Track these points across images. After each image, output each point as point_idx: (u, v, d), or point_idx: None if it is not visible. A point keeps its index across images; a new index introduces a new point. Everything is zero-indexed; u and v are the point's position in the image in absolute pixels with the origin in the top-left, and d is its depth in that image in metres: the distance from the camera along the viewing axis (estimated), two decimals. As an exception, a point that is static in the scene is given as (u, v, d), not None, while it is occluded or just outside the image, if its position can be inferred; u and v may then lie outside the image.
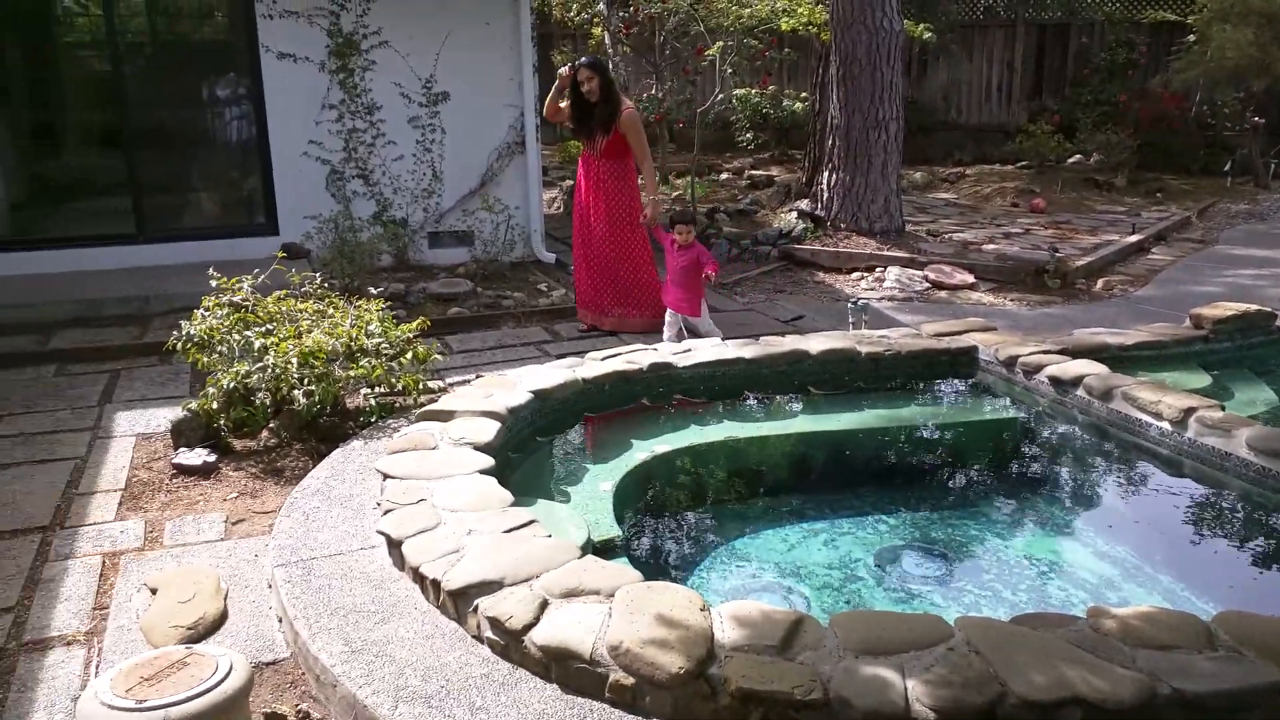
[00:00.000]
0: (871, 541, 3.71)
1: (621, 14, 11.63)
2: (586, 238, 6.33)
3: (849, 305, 6.19)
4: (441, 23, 7.57)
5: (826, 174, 9.51)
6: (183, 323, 4.52)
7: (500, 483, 3.38)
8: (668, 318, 6.08)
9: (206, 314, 4.53)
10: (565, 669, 2.39)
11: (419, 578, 2.85)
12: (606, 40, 12.39)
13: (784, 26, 9.89)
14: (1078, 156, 13.18)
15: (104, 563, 3.40)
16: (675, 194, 11.34)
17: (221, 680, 2.21)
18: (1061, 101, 14.17)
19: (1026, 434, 4.67)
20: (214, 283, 4.61)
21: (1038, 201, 11.35)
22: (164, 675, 2.22)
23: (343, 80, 7.42)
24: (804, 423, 4.66)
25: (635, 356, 4.86)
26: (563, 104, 6.26)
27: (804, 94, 13.62)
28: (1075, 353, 4.78)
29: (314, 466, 4.15)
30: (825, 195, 9.46)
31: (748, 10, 10.08)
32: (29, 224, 7.37)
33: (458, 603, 2.67)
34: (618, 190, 6.22)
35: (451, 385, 4.88)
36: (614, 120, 6.02)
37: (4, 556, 3.44)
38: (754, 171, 13.06)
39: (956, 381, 5.10)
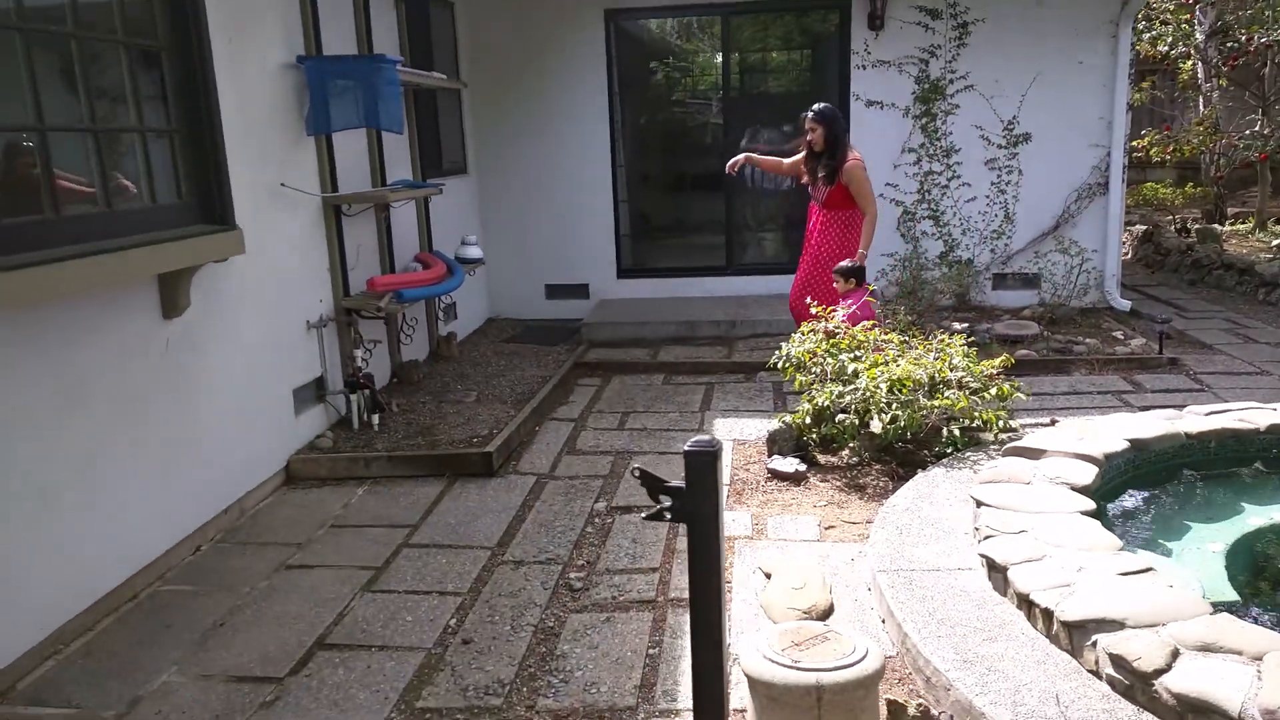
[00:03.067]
0: None
1: (1229, 45, 10.41)
2: (802, 290, 6.19)
3: None
4: (1031, 64, 7.49)
5: None
6: (783, 345, 5.04)
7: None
8: None
9: (803, 338, 5.00)
10: (1205, 725, 2.24)
11: (1026, 604, 2.87)
12: (1200, 73, 11.19)
13: None
14: None
15: (723, 544, 3.93)
16: (1276, 243, 9.81)
17: (861, 659, 2.45)
18: None
19: None
20: (813, 310, 5.08)
21: None
22: (809, 644, 2.53)
23: (924, 124, 7.69)
24: None
25: (1249, 415, 4.37)
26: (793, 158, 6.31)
27: None
28: None
29: (893, 486, 4.37)
30: None
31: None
32: (643, 256, 8.75)
33: (1072, 635, 2.65)
34: (835, 240, 6.07)
35: (1024, 426, 4.80)
36: (837, 170, 5.88)
37: (647, 526, 4.15)
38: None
39: None
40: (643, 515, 1.99)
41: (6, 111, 3.15)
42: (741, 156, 6.41)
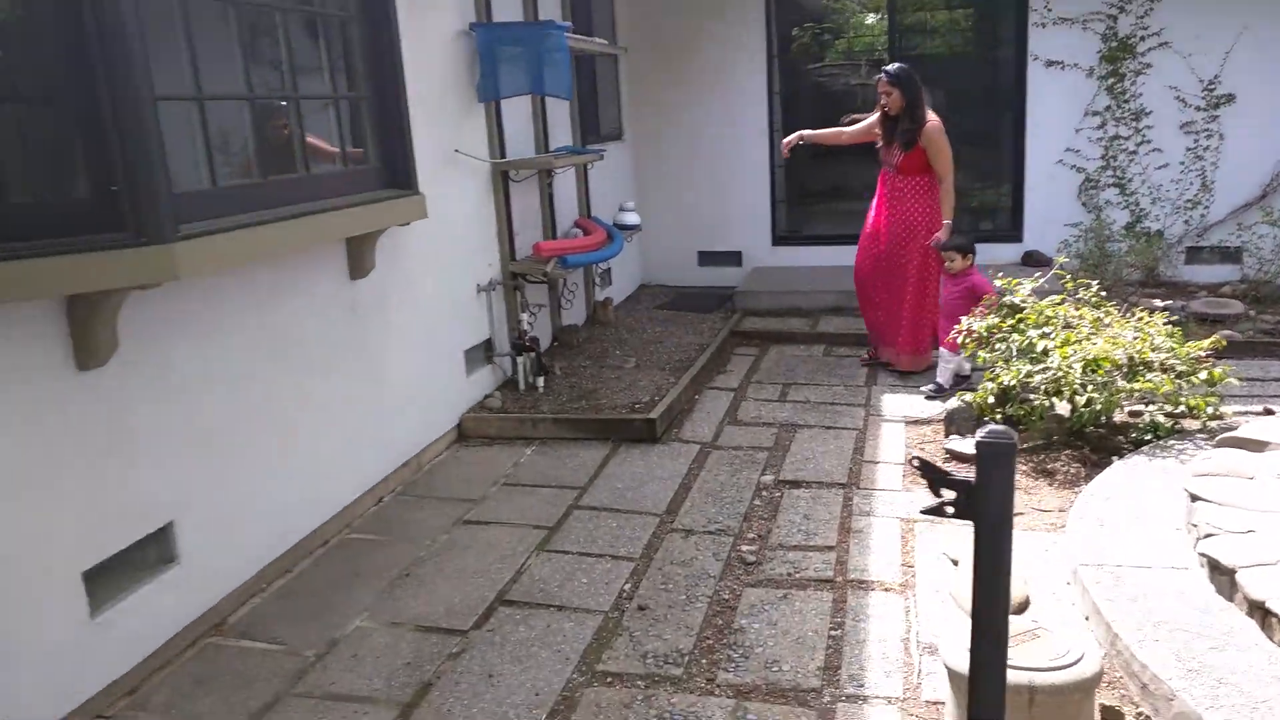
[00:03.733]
0: None
1: None
2: (876, 264, 5.78)
3: None
4: (1236, 18, 6.83)
5: None
6: (963, 319, 4.80)
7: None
8: (943, 355, 5.37)
9: (986, 311, 4.74)
10: None
11: (1260, 612, 2.62)
12: None
13: None
14: None
15: (901, 526, 3.78)
16: None
17: (1078, 660, 2.29)
18: None
19: None
20: (997, 283, 4.80)
21: None
22: (1018, 640, 2.38)
23: (1110, 85, 7.15)
24: None
25: None
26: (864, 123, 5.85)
27: None
28: None
29: (1085, 473, 4.11)
30: None
31: None
32: (799, 223, 8.52)
33: (1319, 651, 2.40)
34: (917, 207, 5.58)
35: (1233, 413, 4.42)
36: (916, 134, 5.41)
37: (818, 502, 4.04)
38: None
39: None
40: (920, 509, 1.85)
41: (223, 79, 3.27)
42: (794, 136, 6.01)
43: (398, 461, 4.38)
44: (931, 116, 5.48)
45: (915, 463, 1.72)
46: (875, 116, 5.73)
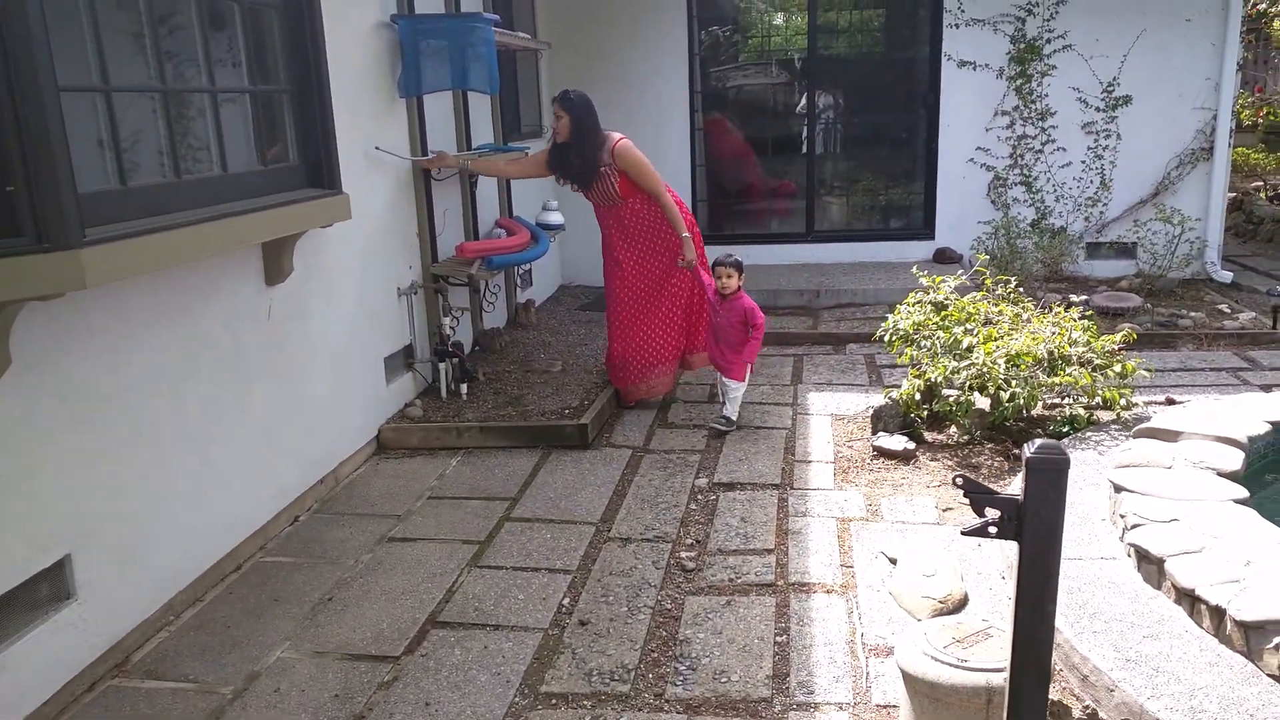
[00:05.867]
0: None
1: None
2: (630, 295, 5.12)
3: None
4: (1134, 22, 7.12)
5: None
6: (889, 317, 4.85)
7: (1260, 517, 3.06)
8: (731, 386, 4.92)
9: (910, 310, 4.81)
10: None
11: (1188, 599, 2.69)
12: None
13: None
14: None
15: (838, 525, 3.79)
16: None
17: (1028, 658, 2.30)
18: None
19: None
20: (922, 280, 4.87)
21: None
22: (971, 641, 2.39)
23: (1019, 86, 7.37)
24: None
25: (1395, 397, 4.10)
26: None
27: None
28: None
29: (1009, 467, 4.19)
30: None
31: None
32: (721, 222, 8.53)
33: (1249, 636, 2.47)
34: (657, 232, 5.05)
35: (1141, 404, 4.58)
36: (596, 162, 4.89)
37: (754, 505, 4.02)
38: None
39: None
40: (961, 530, 1.76)
41: (131, 70, 3.06)
42: (434, 156, 5.14)
43: (315, 476, 4.19)
44: (614, 135, 4.96)
45: (959, 481, 1.67)
46: (545, 148, 5.19)
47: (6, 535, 2.64)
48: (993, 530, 1.57)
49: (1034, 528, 1.50)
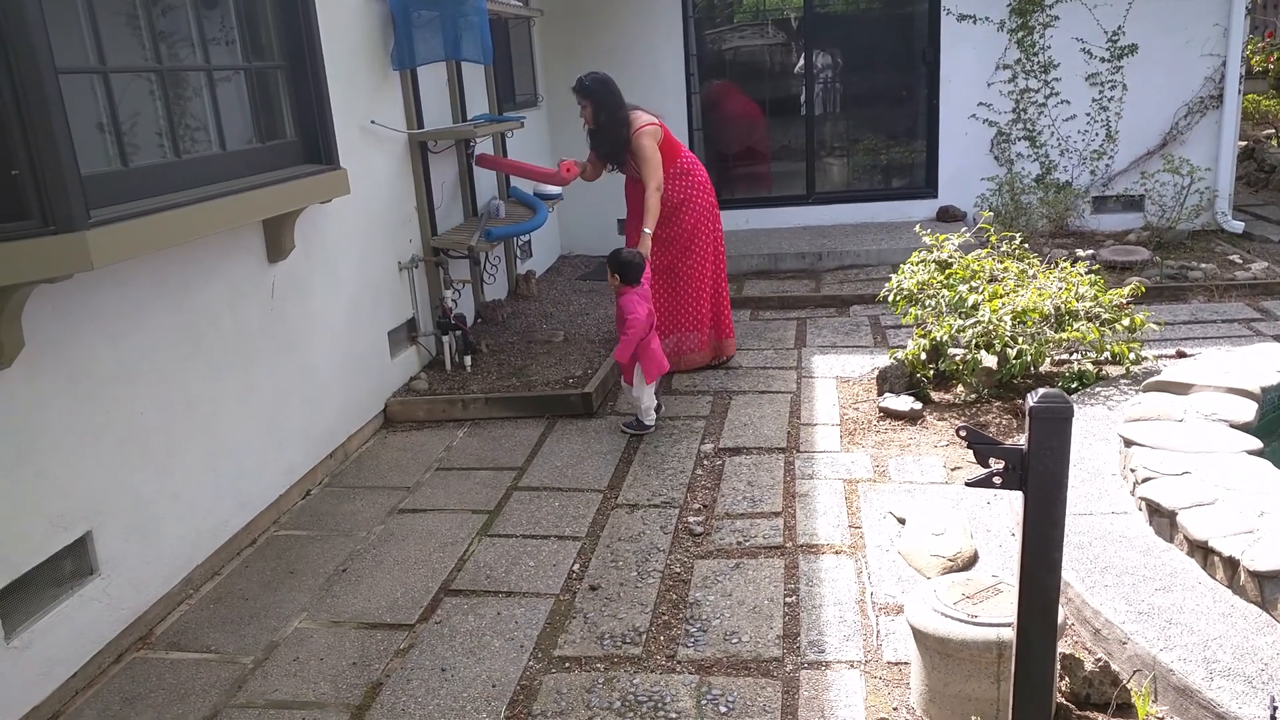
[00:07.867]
0: None
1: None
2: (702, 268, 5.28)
3: None
4: (1139, -34, 7.00)
5: None
6: (893, 276, 4.82)
7: (1270, 467, 3.04)
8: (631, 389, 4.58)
9: (914, 269, 4.77)
10: None
11: (1201, 551, 2.69)
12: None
13: None
14: None
15: (845, 487, 3.78)
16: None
17: (1039, 612, 2.30)
18: None
19: None
20: (926, 239, 4.83)
21: None
22: (981, 597, 2.38)
23: (1020, 39, 7.26)
24: None
25: (1405, 343, 4.06)
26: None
27: None
28: None
29: (1018, 424, 4.17)
30: None
31: None
32: (721, 186, 8.43)
33: (1264, 585, 2.46)
34: (676, 208, 5.21)
35: (1151, 357, 4.55)
36: (624, 140, 4.99)
37: (760, 468, 4.02)
38: None
39: None
40: (965, 482, 1.75)
41: (128, 51, 3.02)
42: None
43: (324, 451, 4.20)
44: (641, 119, 5.00)
45: (962, 433, 1.66)
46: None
47: (29, 513, 2.66)
48: (997, 480, 1.55)
49: (1039, 477, 1.49)
